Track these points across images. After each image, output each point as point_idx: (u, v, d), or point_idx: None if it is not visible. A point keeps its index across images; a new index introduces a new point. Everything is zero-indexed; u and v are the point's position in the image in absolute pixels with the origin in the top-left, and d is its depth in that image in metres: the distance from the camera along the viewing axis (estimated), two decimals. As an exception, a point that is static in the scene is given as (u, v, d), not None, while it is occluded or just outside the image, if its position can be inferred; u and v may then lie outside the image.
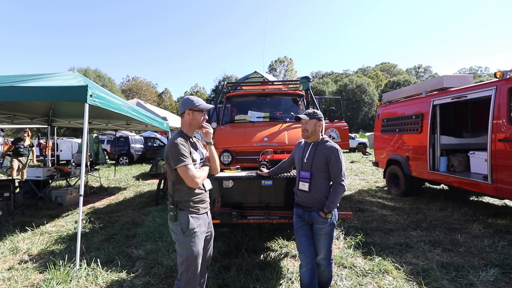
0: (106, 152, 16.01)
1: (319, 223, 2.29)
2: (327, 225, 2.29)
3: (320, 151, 2.31)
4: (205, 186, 2.11)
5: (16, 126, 8.77)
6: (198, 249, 1.98)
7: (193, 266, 1.97)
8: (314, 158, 2.32)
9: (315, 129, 2.37)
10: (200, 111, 2.09)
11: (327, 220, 2.27)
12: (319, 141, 2.39)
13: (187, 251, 1.95)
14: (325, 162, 2.28)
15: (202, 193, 2.08)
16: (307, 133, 2.38)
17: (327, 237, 2.31)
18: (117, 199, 6.73)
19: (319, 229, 2.30)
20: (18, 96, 3.52)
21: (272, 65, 58.62)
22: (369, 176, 9.68)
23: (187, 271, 1.97)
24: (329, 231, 2.31)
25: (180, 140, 1.97)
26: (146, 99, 44.01)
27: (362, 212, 5.26)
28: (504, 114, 4.08)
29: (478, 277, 2.84)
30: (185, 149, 1.94)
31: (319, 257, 2.35)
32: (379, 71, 69.08)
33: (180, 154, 1.91)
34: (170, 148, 1.96)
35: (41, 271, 3.08)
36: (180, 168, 1.91)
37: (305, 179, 2.34)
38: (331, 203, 2.24)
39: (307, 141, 2.46)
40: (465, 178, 4.80)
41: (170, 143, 1.98)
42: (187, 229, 1.95)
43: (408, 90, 6.62)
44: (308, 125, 2.36)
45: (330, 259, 2.38)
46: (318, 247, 2.34)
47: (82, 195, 3.30)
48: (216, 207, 3.12)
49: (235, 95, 5.36)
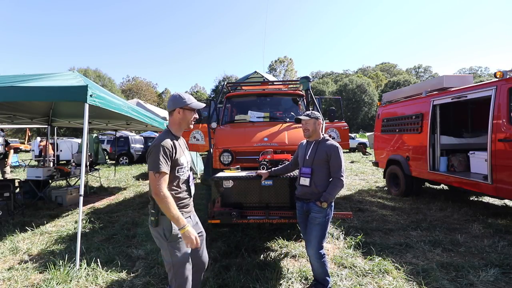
0: (106, 152, 16.01)
1: (314, 211, 2.42)
2: (322, 216, 2.39)
3: (321, 149, 2.46)
4: (190, 191, 2.02)
5: (16, 126, 8.75)
6: (183, 254, 1.86)
7: (181, 272, 1.86)
8: (315, 155, 2.46)
9: (315, 127, 2.52)
10: (191, 110, 1.95)
11: (322, 210, 2.39)
12: (320, 139, 2.54)
13: (172, 257, 1.84)
14: (326, 159, 2.42)
15: (186, 197, 1.96)
16: (308, 132, 2.53)
17: (319, 229, 2.40)
18: (117, 199, 6.73)
19: (314, 218, 2.42)
20: (18, 96, 3.51)
21: (272, 65, 58.61)
22: (369, 176, 9.67)
23: (175, 278, 1.86)
24: (323, 222, 2.40)
25: (167, 143, 1.81)
26: (146, 99, 44.07)
27: (362, 212, 5.26)
28: (504, 114, 4.08)
29: (478, 277, 2.84)
30: (166, 156, 1.78)
31: (310, 252, 2.44)
32: (379, 71, 69.06)
33: (159, 159, 1.75)
34: (152, 149, 1.80)
35: (41, 271, 3.08)
36: (151, 173, 1.75)
37: (306, 175, 2.48)
38: (328, 195, 2.37)
39: (309, 141, 2.61)
40: (465, 178, 4.80)
41: (155, 144, 1.82)
42: (170, 235, 1.83)
43: (408, 90, 6.62)
44: (308, 124, 2.51)
45: (321, 253, 2.42)
46: (309, 239, 2.45)
47: (82, 195, 3.30)
48: (216, 207, 3.12)
49: (235, 95, 5.36)
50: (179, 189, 1.92)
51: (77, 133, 25.19)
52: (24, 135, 25.82)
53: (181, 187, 1.94)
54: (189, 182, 2.00)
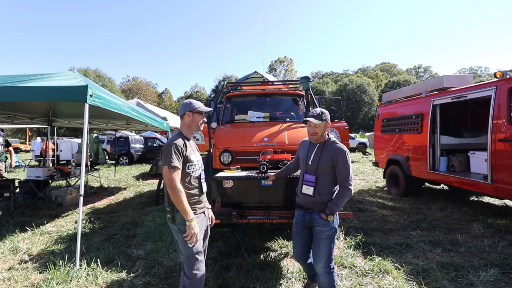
0: (106, 152, 16.00)
1: (320, 225, 2.16)
2: (328, 229, 2.15)
3: (327, 153, 2.17)
4: (202, 188, 2.17)
5: (16, 126, 8.74)
6: (196, 247, 2.03)
7: (194, 263, 2.03)
8: (320, 160, 2.17)
9: (324, 130, 2.22)
10: (200, 113, 2.18)
11: (328, 223, 2.14)
12: (325, 141, 2.25)
13: (187, 250, 2.02)
14: (332, 165, 2.15)
15: (197, 194, 2.13)
16: (317, 136, 2.22)
17: (327, 242, 2.15)
18: (117, 199, 6.73)
19: (320, 232, 2.16)
20: (18, 96, 3.51)
21: (272, 65, 58.65)
22: (369, 176, 9.67)
23: (189, 269, 2.03)
24: (330, 235, 2.16)
25: (179, 141, 2.02)
26: (146, 99, 44.06)
27: (362, 212, 5.26)
28: (504, 114, 4.08)
29: (478, 277, 2.84)
30: (178, 152, 1.98)
31: (319, 266, 2.18)
32: (379, 71, 69.08)
33: (172, 155, 1.95)
34: (166, 147, 2.01)
35: (41, 271, 3.07)
36: (165, 168, 1.95)
37: (310, 183, 2.21)
38: (335, 206, 2.11)
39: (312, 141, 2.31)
40: (465, 178, 4.80)
41: (168, 143, 2.03)
42: (184, 229, 2.00)
43: (408, 90, 6.62)
44: (317, 128, 2.19)
45: (330, 267, 2.18)
46: (317, 253, 2.18)
47: (82, 195, 3.30)
48: (216, 207, 3.12)
49: (235, 95, 5.35)
50: (190, 186, 2.09)
51: (77, 133, 25.22)
52: (24, 135, 25.82)
53: (192, 183, 2.10)
54: (200, 179, 2.17)
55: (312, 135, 2.24)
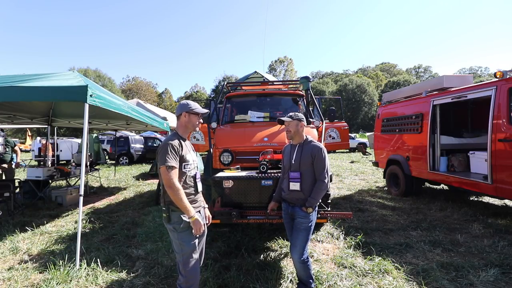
0: (106, 152, 16.00)
1: (300, 217, 2.41)
2: (307, 221, 2.39)
3: (306, 151, 2.44)
4: (197, 187, 2.19)
5: (16, 126, 8.74)
6: (191, 245, 2.06)
7: (190, 260, 2.06)
8: (301, 158, 2.44)
9: (297, 129, 2.51)
10: (196, 114, 2.19)
11: (308, 215, 2.38)
12: (303, 141, 2.52)
13: (182, 248, 2.05)
14: (311, 161, 2.41)
15: (193, 193, 2.14)
16: (290, 134, 2.53)
17: (305, 234, 2.39)
18: (117, 199, 6.73)
19: (299, 223, 2.41)
20: (18, 96, 3.51)
21: (272, 65, 58.68)
22: (369, 176, 9.67)
23: (185, 267, 2.05)
24: (308, 228, 2.40)
25: (174, 141, 2.03)
26: (146, 99, 44.09)
27: (362, 212, 5.26)
28: (504, 114, 4.08)
29: (478, 277, 2.84)
30: (174, 152, 1.99)
31: (293, 252, 2.42)
32: (379, 71, 69.09)
33: (168, 155, 1.96)
34: (162, 147, 2.02)
35: (41, 271, 3.07)
36: (162, 168, 1.96)
37: (295, 179, 2.45)
38: (313, 199, 2.36)
39: (293, 144, 2.60)
40: (465, 178, 4.80)
41: (164, 143, 2.04)
42: (179, 227, 2.03)
43: (408, 90, 6.62)
44: (290, 126, 2.52)
45: (304, 255, 2.40)
46: (294, 243, 2.44)
47: (82, 195, 3.30)
48: (216, 207, 3.12)
49: (235, 95, 5.35)
50: (186, 185, 2.10)
51: (77, 133, 25.21)
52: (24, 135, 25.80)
53: (188, 183, 2.11)
54: (196, 179, 2.19)
55: (287, 132, 2.57)
